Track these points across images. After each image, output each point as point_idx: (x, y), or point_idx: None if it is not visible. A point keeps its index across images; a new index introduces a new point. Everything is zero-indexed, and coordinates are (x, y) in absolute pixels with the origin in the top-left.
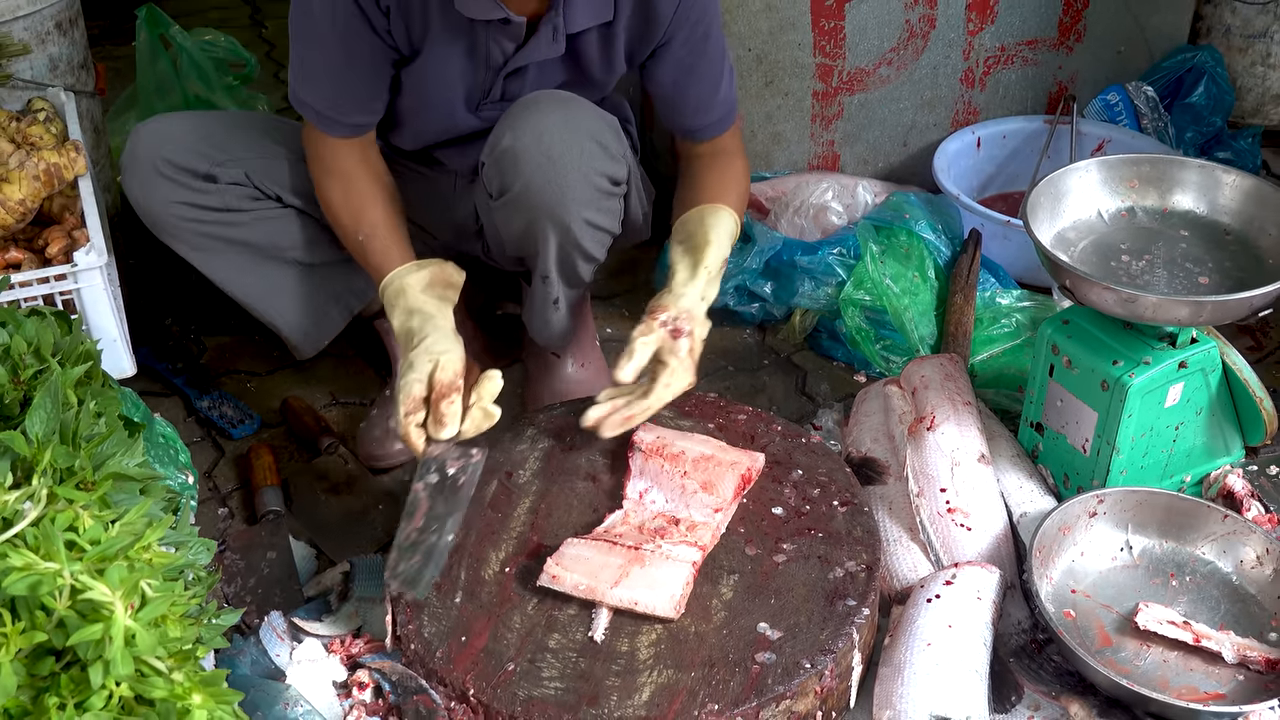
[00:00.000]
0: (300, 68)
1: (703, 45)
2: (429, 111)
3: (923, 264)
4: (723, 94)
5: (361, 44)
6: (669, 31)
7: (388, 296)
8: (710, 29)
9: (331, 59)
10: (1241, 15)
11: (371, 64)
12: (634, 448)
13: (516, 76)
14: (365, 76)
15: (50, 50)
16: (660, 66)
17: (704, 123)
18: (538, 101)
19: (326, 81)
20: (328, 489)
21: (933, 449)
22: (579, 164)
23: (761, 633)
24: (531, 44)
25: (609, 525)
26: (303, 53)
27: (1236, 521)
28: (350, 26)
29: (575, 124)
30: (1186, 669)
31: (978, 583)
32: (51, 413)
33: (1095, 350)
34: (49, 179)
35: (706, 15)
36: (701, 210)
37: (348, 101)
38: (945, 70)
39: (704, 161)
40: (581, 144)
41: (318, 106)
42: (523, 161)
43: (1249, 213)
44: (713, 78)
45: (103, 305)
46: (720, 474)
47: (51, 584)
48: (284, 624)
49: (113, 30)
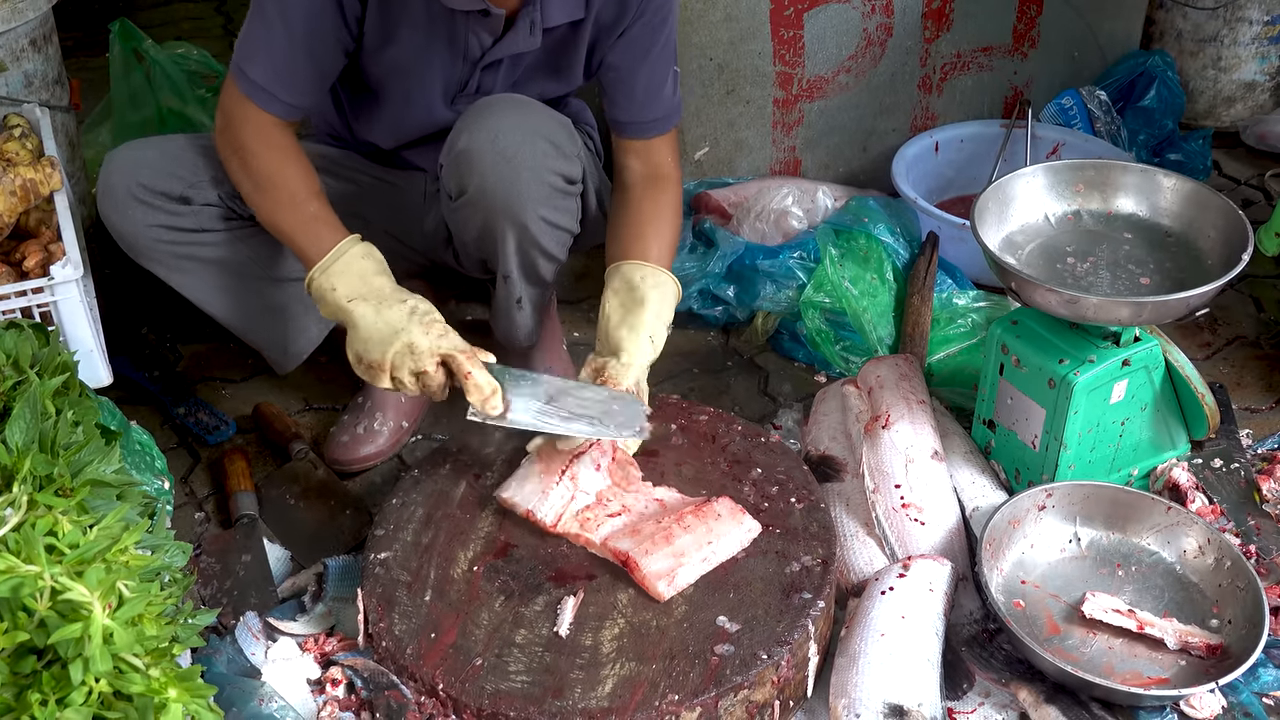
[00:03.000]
0: (253, 40)
1: (659, 32)
2: (408, 105)
3: (881, 266)
4: (668, 91)
5: (326, 29)
6: (635, 14)
7: (350, 258)
8: (669, 17)
9: (290, 39)
10: (1192, 20)
11: (328, 51)
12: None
13: (492, 69)
14: (317, 62)
15: (25, 66)
16: (618, 51)
17: (648, 117)
18: (492, 104)
19: (279, 57)
20: (299, 493)
21: (888, 447)
22: (533, 163)
23: (720, 625)
24: (509, 37)
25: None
26: (260, 26)
27: (1179, 513)
28: (318, 9)
29: (529, 124)
30: (1131, 655)
31: (930, 575)
32: (30, 422)
33: (1042, 349)
34: (25, 194)
35: (667, 3)
36: (644, 275)
37: (293, 80)
38: (903, 77)
39: (640, 189)
40: (535, 143)
41: (261, 81)
42: (478, 162)
43: (1189, 215)
44: (663, 68)
45: (79, 317)
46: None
47: (33, 586)
48: (259, 624)
49: (86, 42)
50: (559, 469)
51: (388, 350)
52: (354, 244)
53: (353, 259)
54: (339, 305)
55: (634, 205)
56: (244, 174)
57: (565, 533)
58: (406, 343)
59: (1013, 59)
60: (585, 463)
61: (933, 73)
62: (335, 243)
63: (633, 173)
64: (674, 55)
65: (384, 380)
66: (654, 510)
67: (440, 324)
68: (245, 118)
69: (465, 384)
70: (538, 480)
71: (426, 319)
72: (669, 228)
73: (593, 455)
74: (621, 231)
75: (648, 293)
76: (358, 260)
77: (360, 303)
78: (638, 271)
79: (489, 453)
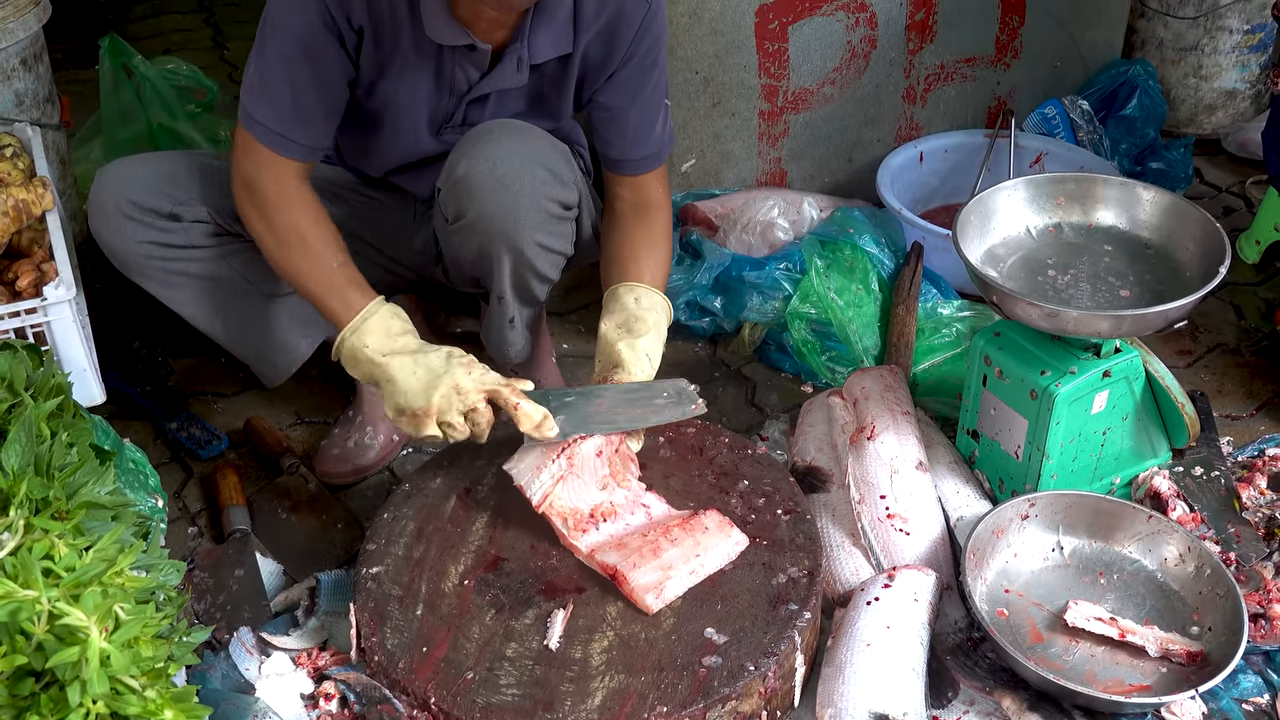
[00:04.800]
0: (259, 85)
1: (650, 74)
2: (396, 135)
3: (866, 277)
4: (658, 129)
5: (329, 62)
6: (624, 58)
7: (380, 318)
8: (659, 58)
9: (296, 76)
10: (1173, 29)
11: (334, 84)
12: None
13: (478, 103)
14: (326, 96)
15: (16, 86)
16: (608, 92)
17: (638, 154)
18: (491, 130)
19: (288, 98)
20: (290, 507)
21: (873, 457)
22: (531, 190)
23: (708, 637)
24: (496, 72)
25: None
26: (264, 70)
27: (1160, 521)
28: (320, 43)
29: (527, 152)
30: (1113, 663)
31: (915, 585)
32: (26, 446)
33: (1024, 361)
34: (18, 215)
35: (657, 45)
36: (638, 295)
37: (305, 121)
38: (887, 88)
39: (631, 216)
40: (533, 171)
41: (273, 125)
42: (477, 188)
43: (1168, 227)
44: (654, 107)
45: (72, 337)
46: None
47: (31, 610)
48: (253, 639)
49: (76, 54)
50: (559, 448)
51: (433, 395)
52: (381, 304)
53: (382, 319)
54: (374, 362)
55: (626, 231)
56: (267, 230)
57: (548, 518)
58: (452, 384)
59: (996, 69)
60: (587, 446)
61: (917, 84)
62: (364, 304)
63: (623, 202)
64: (664, 91)
65: (429, 427)
66: (640, 519)
67: (478, 364)
68: (261, 166)
69: (515, 415)
70: (536, 456)
71: (464, 361)
72: (661, 251)
73: (595, 441)
74: (615, 256)
75: (644, 314)
76: (387, 319)
77: (395, 356)
78: (633, 293)
79: (479, 466)
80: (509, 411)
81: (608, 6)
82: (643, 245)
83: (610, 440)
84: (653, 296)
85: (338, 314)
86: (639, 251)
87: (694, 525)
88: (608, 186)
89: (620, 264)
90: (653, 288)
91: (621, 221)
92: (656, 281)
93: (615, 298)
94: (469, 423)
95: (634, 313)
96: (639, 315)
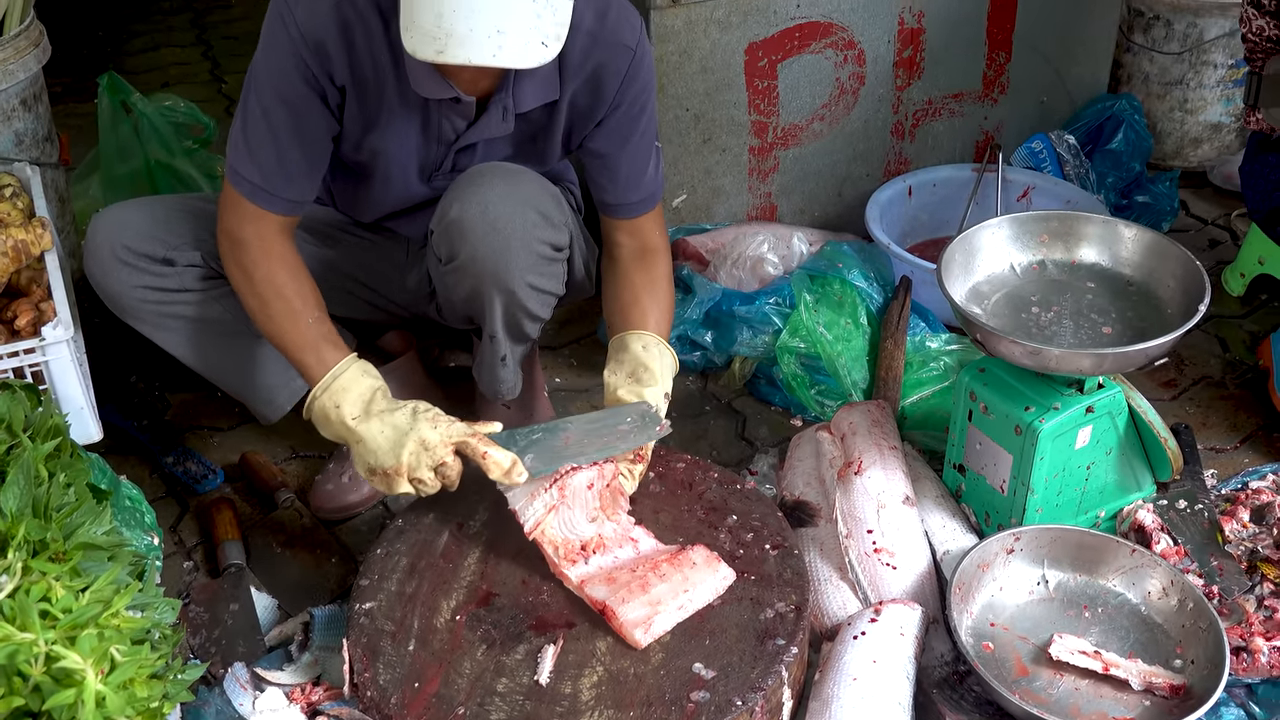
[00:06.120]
0: (244, 141)
1: (639, 120)
2: (386, 184)
3: (855, 311)
4: (650, 173)
5: (312, 119)
6: (611, 107)
7: (350, 376)
8: (647, 105)
9: (279, 132)
10: (1159, 64)
11: (318, 139)
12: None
13: (466, 151)
14: (309, 152)
15: (16, 126)
16: (598, 139)
17: (632, 199)
18: (483, 173)
19: (271, 154)
20: (284, 541)
21: (860, 492)
22: (522, 233)
23: (696, 672)
24: (482, 122)
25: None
26: (249, 127)
27: (1143, 555)
28: (303, 100)
29: (519, 195)
30: (1097, 696)
31: (901, 620)
32: (24, 488)
33: (1009, 397)
34: (17, 255)
35: (645, 92)
36: (645, 343)
37: (289, 176)
38: (876, 123)
39: (631, 263)
40: (525, 214)
41: (257, 180)
42: (469, 231)
43: (1149, 265)
44: (645, 152)
45: (70, 376)
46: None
47: (28, 653)
48: (247, 674)
49: (74, 88)
50: (552, 477)
51: (402, 453)
52: (352, 362)
53: (352, 377)
54: (344, 425)
55: (627, 278)
56: (246, 282)
57: (539, 545)
58: (419, 441)
59: (983, 104)
60: (579, 479)
61: (905, 119)
62: (336, 361)
63: (623, 248)
64: (655, 135)
65: (401, 485)
66: (629, 554)
67: (444, 416)
68: (244, 220)
69: (484, 464)
70: (531, 483)
71: (429, 415)
72: (664, 297)
73: (588, 474)
74: (618, 303)
75: (650, 362)
76: (357, 378)
77: (363, 419)
78: (639, 340)
79: (471, 500)
80: (477, 461)
81: (593, 55)
82: (646, 292)
83: (602, 474)
84: (660, 346)
85: (310, 370)
86: (642, 297)
87: (682, 560)
88: (606, 232)
89: (624, 311)
90: (659, 336)
91: (623, 268)
92: (661, 328)
93: (623, 346)
94: (439, 476)
95: (641, 361)
96: (645, 364)
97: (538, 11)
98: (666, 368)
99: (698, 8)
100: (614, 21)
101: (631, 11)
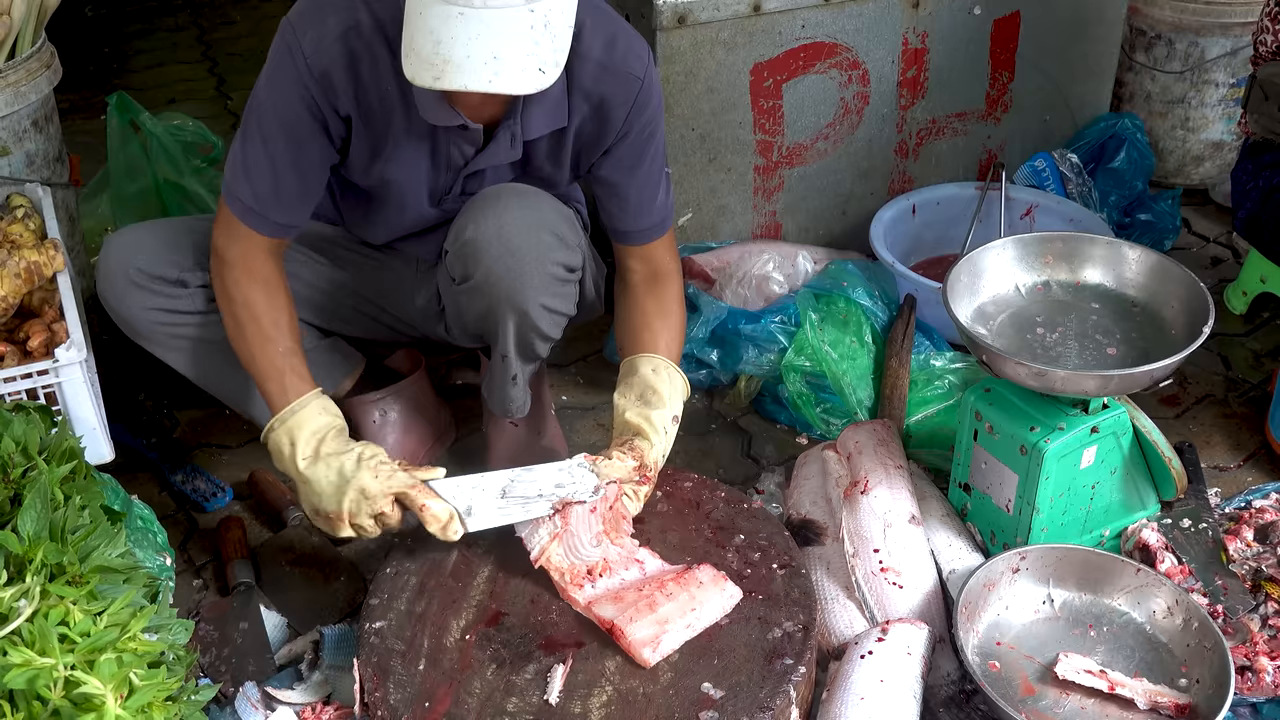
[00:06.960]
0: (241, 162)
1: (648, 146)
2: (397, 209)
3: (860, 329)
4: (660, 199)
5: (311, 147)
6: (619, 135)
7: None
8: (655, 133)
9: (277, 158)
10: (1161, 82)
11: (315, 168)
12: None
13: (475, 176)
14: (305, 179)
15: (27, 147)
16: (606, 167)
17: (643, 225)
18: (499, 195)
19: (267, 178)
20: (293, 560)
21: (866, 511)
22: (537, 254)
23: (705, 692)
24: (490, 148)
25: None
26: (247, 149)
27: (1148, 574)
28: (305, 129)
29: (534, 217)
30: (1103, 715)
31: (907, 639)
32: (41, 512)
33: (1014, 417)
34: (29, 276)
35: (654, 121)
36: (655, 366)
37: (281, 200)
38: (880, 142)
39: (644, 288)
40: (539, 236)
41: (250, 202)
42: (484, 252)
43: (1153, 286)
44: (654, 179)
45: (83, 397)
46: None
47: (48, 677)
48: (258, 693)
49: (82, 105)
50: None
51: (343, 500)
52: (314, 398)
53: (311, 414)
54: (294, 464)
55: (638, 303)
56: (225, 301)
57: (548, 569)
58: (359, 489)
59: (986, 123)
60: (580, 505)
61: (909, 138)
62: (299, 394)
63: (635, 274)
64: (664, 161)
65: (344, 529)
66: (635, 575)
67: (387, 465)
68: (233, 239)
69: (422, 517)
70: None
71: (373, 463)
72: (675, 320)
73: (589, 499)
74: (629, 327)
75: (659, 385)
76: (315, 416)
77: (312, 462)
78: (649, 364)
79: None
80: (416, 513)
81: (601, 84)
82: (657, 315)
83: (605, 497)
84: (671, 370)
85: (272, 398)
86: (654, 321)
87: (688, 580)
88: (618, 258)
89: (635, 335)
90: (668, 359)
91: (634, 293)
92: (672, 352)
93: (633, 369)
94: (379, 524)
95: (650, 384)
96: (654, 387)
97: (535, 39)
98: (676, 391)
99: (703, 28)
100: (622, 51)
101: (639, 40)
